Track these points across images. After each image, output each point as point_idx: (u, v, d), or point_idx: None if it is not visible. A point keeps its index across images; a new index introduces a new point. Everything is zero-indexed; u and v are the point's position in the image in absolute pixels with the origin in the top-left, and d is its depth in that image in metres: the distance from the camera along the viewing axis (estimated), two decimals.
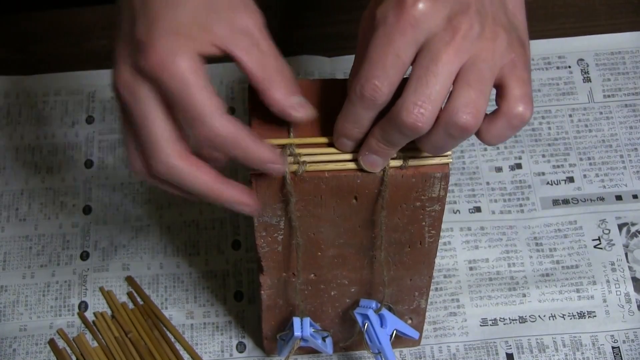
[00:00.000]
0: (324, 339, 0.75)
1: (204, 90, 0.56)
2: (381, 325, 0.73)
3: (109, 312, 0.87)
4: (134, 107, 0.57)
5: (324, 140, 0.62)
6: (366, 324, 0.73)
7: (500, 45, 0.56)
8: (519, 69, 0.57)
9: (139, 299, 0.87)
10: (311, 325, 0.73)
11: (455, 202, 0.92)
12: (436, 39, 0.55)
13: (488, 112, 0.58)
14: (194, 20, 0.57)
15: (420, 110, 0.55)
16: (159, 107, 0.57)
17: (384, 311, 0.74)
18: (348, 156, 0.61)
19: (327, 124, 0.62)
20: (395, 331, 0.74)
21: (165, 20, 0.56)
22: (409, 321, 0.79)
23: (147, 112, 0.57)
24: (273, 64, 0.58)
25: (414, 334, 0.76)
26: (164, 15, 0.56)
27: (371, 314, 0.73)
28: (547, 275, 0.88)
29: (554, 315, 0.86)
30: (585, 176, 0.93)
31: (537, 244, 0.89)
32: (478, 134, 0.58)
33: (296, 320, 0.73)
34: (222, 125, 0.57)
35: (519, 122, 0.58)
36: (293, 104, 0.59)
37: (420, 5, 0.54)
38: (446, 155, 0.62)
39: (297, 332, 0.73)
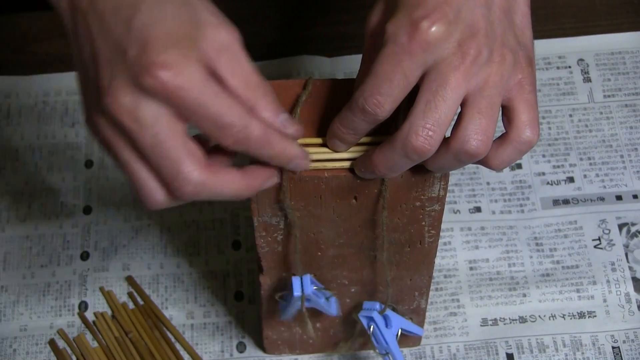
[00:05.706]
0: (327, 298, 0.72)
1: (222, 97, 0.53)
2: (386, 326, 0.73)
3: (109, 312, 0.87)
4: (141, 131, 0.53)
5: (323, 140, 0.62)
6: (372, 326, 0.73)
7: (508, 67, 0.56)
8: (526, 91, 0.57)
9: (139, 299, 0.87)
10: (312, 282, 0.69)
11: (455, 202, 0.92)
12: (445, 62, 0.55)
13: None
14: (183, 34, 0.53)
15: (428, 134, 0.55)
16: (172, 123, 0.53)
17: (388, 311, 0.74)
18: (348, 156, 0.61)
19: (327, 124, 0.62)
20: (400, 330, 0.74)
21: (159, 36, 0.52)
22: (409, 321, 0.79)
23: (159, 132, 0.53)
24: (256, 81, 0.55)
25: (419, 331, 0.77)
26: (154, 32, 0.53)
27: (376, 315, 0.73)
28: (548, 275, 0.88)
29: (554, 315, 0.86)
30: (585, 176, 0.93)
31: (537, 244, 0.89)
32: (485, 160, 0.58)
33: (295, 280, 0.69)
34: (256, 127, 0.54)
35: (527, 147, 0.58)
36: (282, 122, 0.56)
37: (434, 29, 0.54)
38: None
39: (297, 292, 0.69)
